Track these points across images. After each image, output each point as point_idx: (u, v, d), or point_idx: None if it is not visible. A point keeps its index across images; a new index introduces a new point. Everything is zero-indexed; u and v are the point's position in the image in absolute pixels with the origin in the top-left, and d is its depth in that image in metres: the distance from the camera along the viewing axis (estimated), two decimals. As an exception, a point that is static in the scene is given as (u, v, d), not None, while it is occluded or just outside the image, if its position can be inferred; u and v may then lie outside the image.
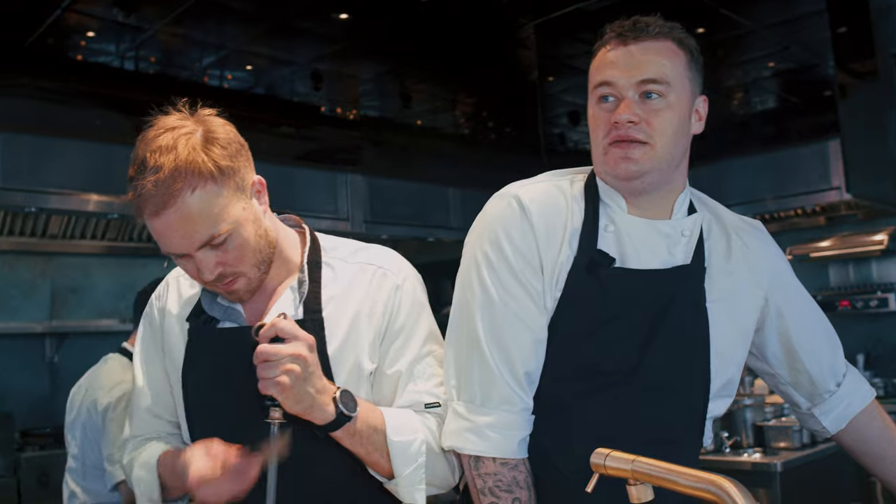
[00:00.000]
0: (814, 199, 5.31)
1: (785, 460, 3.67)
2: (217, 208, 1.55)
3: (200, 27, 4.72)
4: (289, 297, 1.70)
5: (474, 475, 1.59)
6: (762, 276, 1.76)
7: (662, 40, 1.60)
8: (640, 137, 1.56)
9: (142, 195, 1.52)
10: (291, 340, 1.51)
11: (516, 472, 1.58)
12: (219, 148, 1.57)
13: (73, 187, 4.33)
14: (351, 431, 1.58)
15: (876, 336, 5.74)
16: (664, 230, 1.64)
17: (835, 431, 1.85)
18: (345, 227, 5.55)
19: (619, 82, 1.57)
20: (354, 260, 1.77)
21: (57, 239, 4.83)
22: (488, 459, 1.58)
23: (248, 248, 1.61)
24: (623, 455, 1.12)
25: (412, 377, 1.72)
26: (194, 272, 1.61)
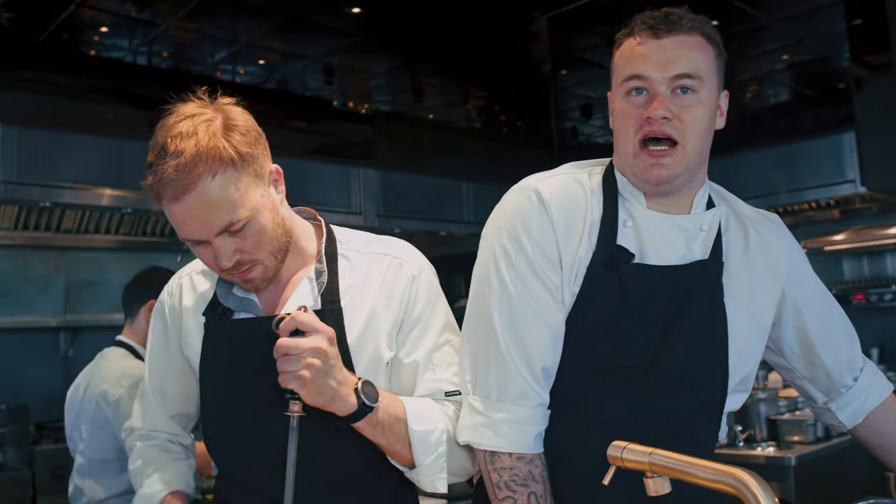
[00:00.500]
0: (828, 193, 5.29)
1: (799, 454, 3.65)
2: (236, 194, 1.55)
3: (213, 22, 4.73)
4: (306, 287, 1.71)
5: (489, 469, 1.58)
6: (779, 270, 1.74)
7: (693, 34, 1.58)
8: (672, 134, 1.53)
9: (162, 179, 1.51)
10: (311, 333, 1.52)
11: (532, 466, 1.57)
12: (238, 135, 1.58)
13: (87, 182, 4.35)
14: (373, 422, 1.59)
15: (891, 329, 5.71)
16: (683, 225, 1.63)
17: (851, 426, 1.83)
18: (357, 220, 5.55)
19: (653, 77, 1.54)
20: (370, 251, 1.78)
21: (71, 233, 4.84)
22: (504, 454, 1.57)
23: (266, 236, 1.61)
24: (640, 447, 1.12)
25: (431, 366, 1.73)
26: (211, 260, 1.61)
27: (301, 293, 1.70)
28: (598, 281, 1.58)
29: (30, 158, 4.21)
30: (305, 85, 5.72)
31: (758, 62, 5.85)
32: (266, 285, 1.69)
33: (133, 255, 5.46)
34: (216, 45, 5.02)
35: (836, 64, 5.32)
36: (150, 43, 4.83)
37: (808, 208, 5.57)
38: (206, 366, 1.73)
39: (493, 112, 6.73)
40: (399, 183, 5.79)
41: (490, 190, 6.17)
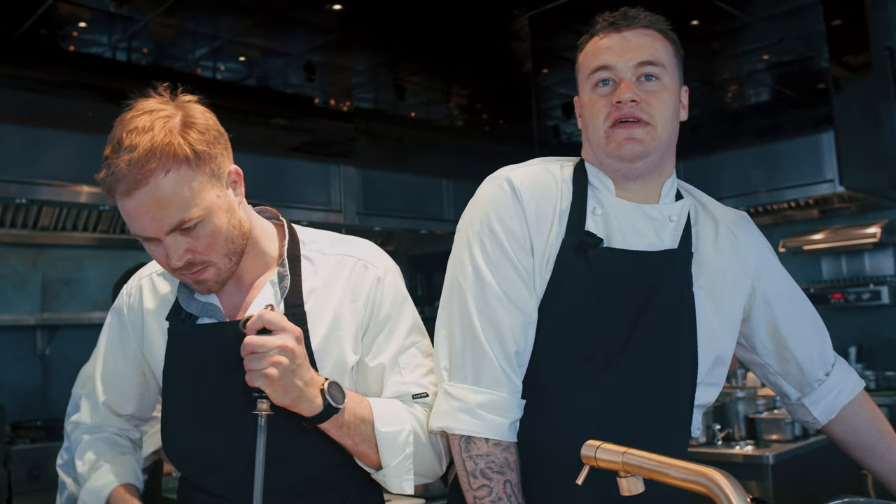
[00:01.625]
0: (807, 192, 5.33)
1: (777, 453, 3.67)
2: (189, 193, 1.52)
3: (193, 18, 4.70)
4: (269, 291, 1.69)
5: (464, 458, 1.58)
6: (749, 265, 1.77)
7: (651, 29, 1.66)
8: (642, 117, 1.59)
9: (114, 174, 1.49)
10: (279, 332, 1.51)
11: (508, 454, 1.58)
12: (196, 133, 1.56)
13: (65, 179, 4.32)
14: (339, 423, 1.58)
15: (868, 329, 5.76)
16: (652, 214, 1.67)
17: (825, 422, 1.86)
18: (337, 218, 5.53)
19: (618, 65, 1.61)
20: (333, 252, 1.75)
21: (48, 231, 4.81)
22: (480, 440, 1.56)
23: (220, 237, 1.58)
24: (614, 447, 1.12)
25: (397, 368, 1.71)
26: (163, 258, 1.59)
27: (264, 298, 1.68)
28: (567, 267, 1.61)
29: (6, 155, 4.17)
30: (286, 82, 5.69)
31: (738, 62, 5.89)
32: (219, 287, 1.66)
33: (111, 253, 5.43)
34: (196, 41, 4.99)
35: (816, 64, 5.35)
36: (130, 39, 4.79)
37: (787, 207, 5.61)
38: (170, 371, 1.71)
39: (475, 110, 6.73)
40: (380, 181, 5.78)
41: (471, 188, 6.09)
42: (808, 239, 5.76)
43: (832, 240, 5.67)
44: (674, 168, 1.73)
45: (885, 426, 1.86)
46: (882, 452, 1.83)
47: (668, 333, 1.64)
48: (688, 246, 1.69)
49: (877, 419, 1.86)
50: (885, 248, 5.78)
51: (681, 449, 1.72)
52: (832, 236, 5.68)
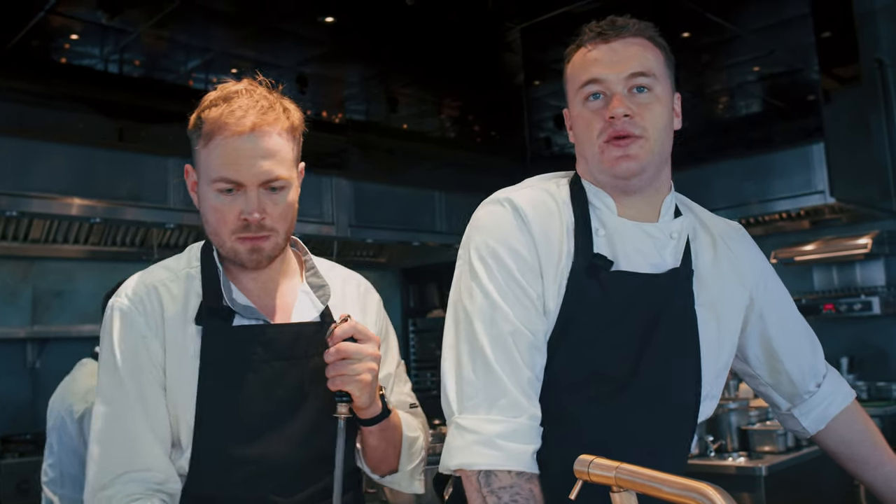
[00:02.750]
0: (798, 203, 5.33)
1: (769, 464, 3.67)
2: (289, 156, 1.65)
3: (185, 30, 4.71)
4: (305, 299, 1.75)
5: (485, 493, 1.46)
6: (747, 278, 1.76)
7: (640, 38, 1.62)
8: (635, 132, 1.56)
9: (237, 112, 1.58)
10: (366, 341, 1.60)
11: (532, 484, 1.48)
12: (298, 115, 1.71)
13: (56, 191, 4.30)
14: (384, 426, 1.68)
15: (860, 339, 5.77)
16: (653, 233, 1.64)
17: (814, 432, 1.86)
18: (329, 230, 5.53)
19: (609, 78, 1.57)
20: (337, 274, 1.86)
21: (39, 243, 4.79)
22: (503, 472, 1.46)
23: (290, 211, 1.66)
24: (606, 462, 1.11)
25: (398, 379, 1.87)
26: (235, 213, 1.60)
27: (303, 304, 1.74)
28: (580, 290, 1.57)
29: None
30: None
31: (729, 73, 5.91)
32: (267, 264, 1.68)
33: (102, 266, 5.40)
34: (189, 53, 4.99)
35: (806, 76, 5.37)
36: (122, 51, 4.79)
37: (778, 219, 5.62)
38: (209, 377, 1.61)
39: (467, 122, 6.74)
40: (372, 193, 5.78)
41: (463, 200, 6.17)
42: (799, 250, 5.77)
43: (823, 251, 5.68)
44: (671, 184, 1.70)
45: (878, 437, 1.85)
46: (874, 464, 1.82)
47: (675, 353, 1.63)
48: (688, 263, 1.67)
49: (868, 430, 1.86)
50: (876, 259, 5.79)
51: (682, 465, 1.72)
52: (823, 247, 5.70)
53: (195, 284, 1.68)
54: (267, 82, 1.71)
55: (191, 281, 1.69)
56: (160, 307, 1.65)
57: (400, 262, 7.02)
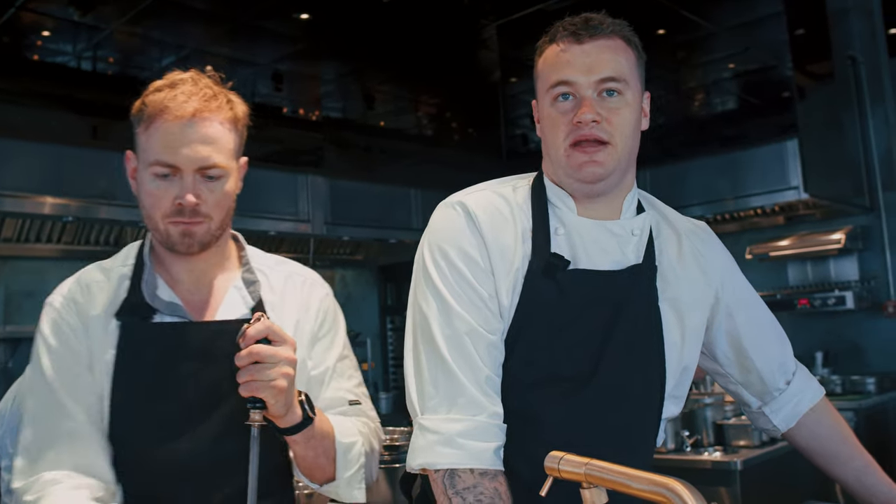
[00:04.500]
0: (773, 199, 5.37)
1: (745, 458, 3.69)
2: (229, 146, 1.65)
3: (159, 27, 4.67)
4: (235, 295, 1.72)
5: (450, 496, 1.45)
6: (712, 276, 1.77)
7: (614, 38, 1.59)
8: (603, 137, 1.54)
9: (180, 96, 1.60)
10: (281, 343, 1.52)
11: (496, 483, 1.47)
12: (242, 107, 1.73)
13: (28, 190, 4.26)
14: (309, 434, 1.59)
15: (834, 334, 5.82)
16: (614, 230, 1.64)
17: (785, 429, 1.86)
18: (305, 228, 5.51)
19: (579, 81, 1.55)
20: (281, 269, 1.83)
21: (11, 242, 4.73)
22: (465, 472, 1.46)
23: (226, 200, 1.66)
24: (576, 458, 1.11)
25: (336, 375, 1.79)
26: (167, 198, 1.60)
27: (232, 301, 1.70)
28: (536, 290, 1.58)
29: (-32, 165, 4.11)
30: (254, 91, 5.67)
31: (704, 70, 5.95)
32: (200, 250, 1.67)
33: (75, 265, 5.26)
34: (163, 50, 4.96)
35: (780, 73, 5.41)
36: (95, 48, 4.75)
37: (753, 214, 5.66)
38: (122, 373, 1.60)
39: (444, 119, 6.74)
40: (348, 190, 5.76)
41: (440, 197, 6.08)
42: (774, 245, 5.82)
43: (798, 246, 5.73)
44: (634, 182, 1.71)
45: (847, 432, 1.86)
46: (844, 459, 1.83)
47: (637, 350, 1.62)
48: (652, 260, 1.67)
49: (838, 426, 1.87)
50: (849, 254, 5.85)
51: (648, 460, 1.72)
52: (798, 243, 5.74)
53: (125, 283, 1.68)
54: (216, 76, 1.72)
55: (122, 280, 1.69)
56: (87, 305, 1.66)
57: (377, 259, 7.00)
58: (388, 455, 2.62)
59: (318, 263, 6.29)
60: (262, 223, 5.31)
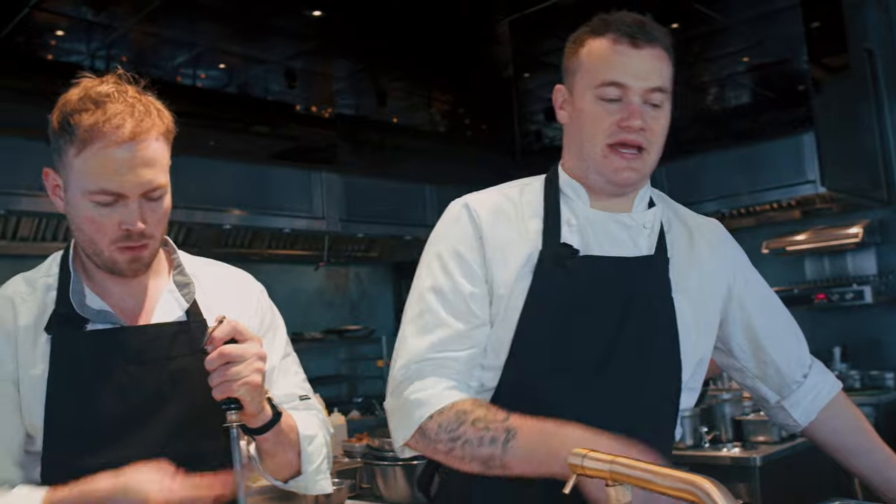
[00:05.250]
0: (789, 193, 5.34)
1: (764, 454, 3.67)
2: (166, 162, 1.58)
3: (172, 25, 4.67)
4: (169, 298, 1.68)
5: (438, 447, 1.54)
6: (724, 269, 1.79)
7: (661, 48, 1.62)
8: (644, 144, 1.59)
9: (113, 121, 1.48)
10: (248, 341, 1.50)
11: (455, 409, 1.54)
12: (168, 112, 1.61)
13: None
14: (278, 430, 1.59)
15: (852, 328, 5.77)
16: (626, 222, 1.68)
17: (806, 423, 1.85)
18: (320, 225, 5.51)
19: (633, 86, 1.58)
20: (211, 270, 1.80)
21: (28, 241, 4.75)
22: (431, 423, 1.54)
23: (166, 216, 1.61)
24: (601, 455, 1.10)
25: (282, 372, 1.78)
26: (112, 225, 1.53)
27: (166, 305, 1.67)
28: (546, 278, 1.60)
29: (-16, 165, 4.13)
30: (267, 89, 5.67)
31: (718, 64, 5.91)
32: (145, 272, 1.64)
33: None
34: (176, 48, 4.96)
35: (795, 66, 5.38)
36: (109, 47, 4.76)
37: (769, 209, 5.62)
38: (56, 387, 1.54)
39: (457, 115, 6.72)
40: (362, 187, 5.76)
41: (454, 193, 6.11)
42: (790, 240, 5.77)
43: (815, 240, 5.69)
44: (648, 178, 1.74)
45: (866, 426, 1.86)
46: (865, 452, 1.82)
47: (651, 340, 1.64)
48: (663, 252, 1.70)
49: (857, 419, 1.86)
50: (867, 248, 5.80)
51: (667, 454, 1.71)
52: (815, 237, 5.70)
53: (51, 294, 1.61)
54: (128, 76, 1.60)
55: (47, 290, 1.62)
56: (13, 318, 1.58)
57: (391, 256, 7.00)
58: (406, 452, 2.61)
59: (333, 260, 6.29)
60: (277, 221, 5.31)
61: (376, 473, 2.72)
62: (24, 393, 1.54)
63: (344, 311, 6.91)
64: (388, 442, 2.69)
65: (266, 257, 5.87)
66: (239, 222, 5.15)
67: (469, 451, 1.48)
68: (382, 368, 6.68)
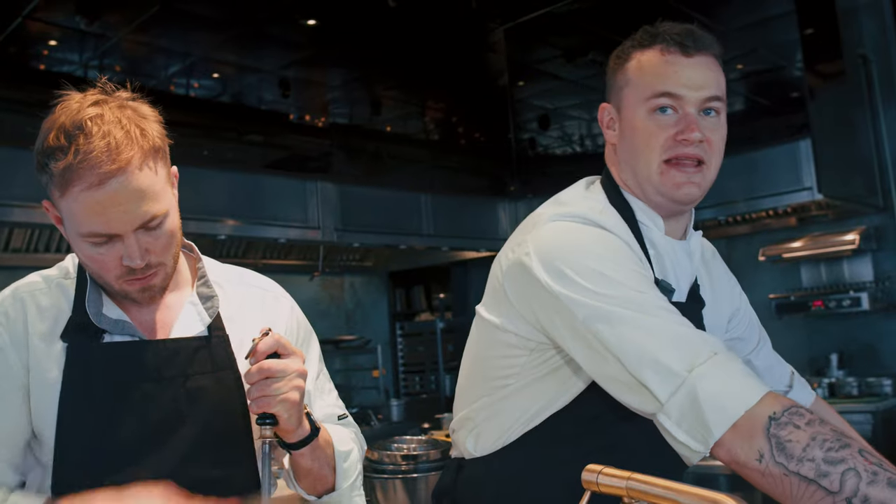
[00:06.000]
0: (785, 200, 5.33)
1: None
2: (159, 185, 1.45)
3: (165, 35, 4.65)
4: (191, 311, 1.61)
5: (781, 447, 1.18)
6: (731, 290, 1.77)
7: (712, 55, 1.55)
8: (704, 157, 1.51)
9: (86, 160, 1.36)
10: (290, 356, 1.47)
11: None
12: (156, 124, 1.50)
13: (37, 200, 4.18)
14: (315, 445, 1.56)
15: (849, 335, 5.76)
16: (688, 249, 1.61)
17: None
18: (315, 235, 5.48)
19: (687, 97, 1.50)
20: (240, 282, 1.74)
21: (20, 252, 4.72)
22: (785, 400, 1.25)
23: (174, 238, 1.52)
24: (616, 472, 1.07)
25: (318, 392, 1.76)
26: (114, 261, 1.45)
27: (188, 317, 1.60)
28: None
29: (-23, 176, 4.09)
30: (261, 98, 5.65)
31: (713, 71, 5.90)
32: (162, 295, 1.57)
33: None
34: (169, 58, 4.93)
35: (790, 73, 5.38)
36: (102, 56, 4.73)
37: (765, 216, 5.62)
38: (73, 397, 1.48)
39: (451, 124, 6.71)
40: (357, 196, 5.74)
41: (449, 202, 6.15)
42: (787, 247, 5.77)
43: (811, 247, 5.68)
44: None
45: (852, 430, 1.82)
46: None
47: None
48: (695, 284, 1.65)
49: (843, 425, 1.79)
50: (863, 255, 5.79)
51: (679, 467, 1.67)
52: (811, 244, 5.69)
53: (68, 296, 1.56)
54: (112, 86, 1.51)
55: (63, 292, 1.56)
56: (24, 320, 1.52)
57: (387, 265, 6.98)
58: (406, 465, 2.58)
59: (328, 270, 6.27)
60: (271, 230, 5.28)
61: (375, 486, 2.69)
62: (35, 396, 1.49)
63: (339, 321, 6.88)
64: (387, 454, 2.66)
65: (261, 267, 5.82)
66: (233, 232, 5.12)
67: (850, 485, 1.11)
68: (378, 379, 6.64)
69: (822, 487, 1.11)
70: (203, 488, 1.47)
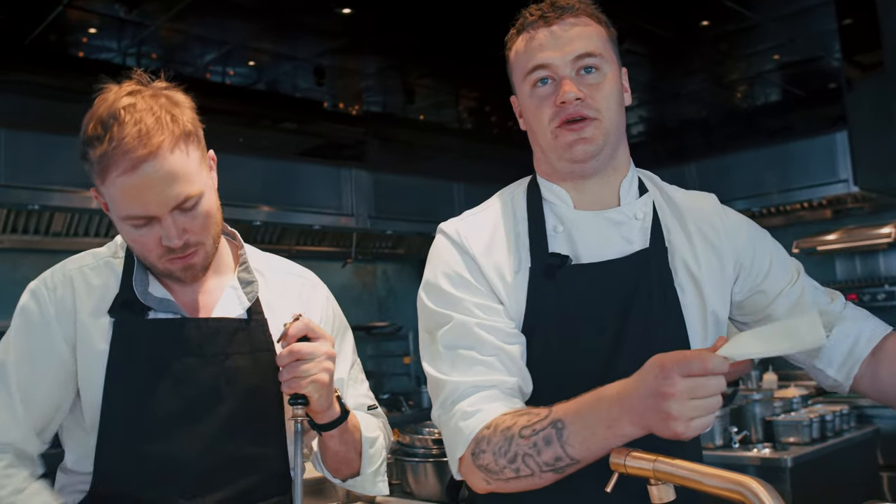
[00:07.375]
0: (820, 192, 5.30)
1: (795, 455, 3.64)
2: (192, 167, 1.53)
3: (202, 23, 4.70)
4: (232, 294, 1.68)
5: (487, 466, 1.38)
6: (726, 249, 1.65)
7: (580, 16, 1.56)
8: (588, 113, 1.51)
9: (119, 147, 1.45)
10: (320, 339, 1.53)
11: (508, 419, 1.40)
12: (188, 110, 1.58)
13: (77, 185, 4.32)
14: (343, 429, 1.62)
15: (884, 329, 5.71)
16: (615, 218, 1.58)
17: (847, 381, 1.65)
18: (348, 222, 5.52)
19: (556, 62, 1.52)
20: (281, 269, 1.81)
21: (60, 236, 4.80)
22: (477, 444, 1.40)
23: (212, 217, 1.58)
24: (644, 455, 1.09)
25: (352, 381, 1.82)
26: (154, 242, 1.53)
27: (228, 300, 1.67)
28: (539, 294, 1.53)
29: (18, 161, 4.17)
30: (296, 86, 5.69)
31: (749, 62, 5.86)
32: (203, 274, 1.63)
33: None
34: (206, 46, 4.99)
35: (827, 64, 5.32)
36: (139, 44, 4.79)
37: (800, 208, 5.58)
38: (115, 370, 1.56)
39: (484, 113, 6.71)
40: (390, 184, 5.77)
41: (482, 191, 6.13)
42: (821, 240, 5.72)
43: (846, 240, 5.63)
44: (630, 163, 1.65)
45: None
46: None
47: (657, 338, 1.53)
48: (661, 241, 1.60)
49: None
50: (899, 249, 5.74)
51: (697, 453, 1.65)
52: (846, 237, 5.64)
53: (116, 274, 1.63)
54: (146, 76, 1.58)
55: (111, 270, 1.64)
56: (72, 297, 1.60)
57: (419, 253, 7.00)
58: (437, 449, 2.62)
59: (361, 257, 6.31)
60: (305, 217, 5.33)
61: (406, 469, 2.72)
62: (83, 367, 1.57)
63: (371, 307, 6.93)
64: (419, 438, 2.70)
65: (294, 253, 5.89)
66: (267, 219, 5.18)
67: (533, 463, 1.34)
68: (409, 365, 6.68)
69: (524, 476, 1.35)
70: (235, 465, 1.56)
